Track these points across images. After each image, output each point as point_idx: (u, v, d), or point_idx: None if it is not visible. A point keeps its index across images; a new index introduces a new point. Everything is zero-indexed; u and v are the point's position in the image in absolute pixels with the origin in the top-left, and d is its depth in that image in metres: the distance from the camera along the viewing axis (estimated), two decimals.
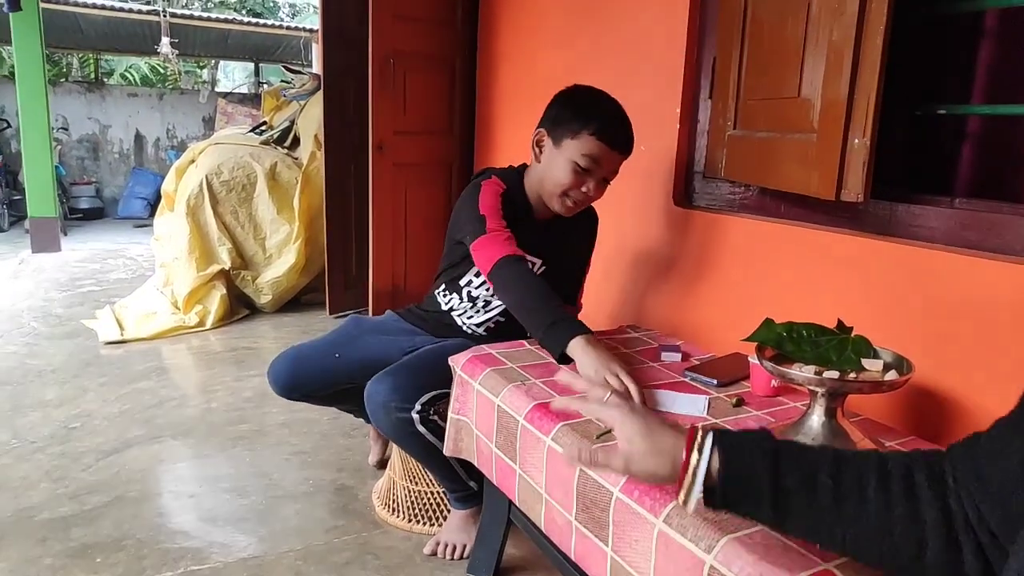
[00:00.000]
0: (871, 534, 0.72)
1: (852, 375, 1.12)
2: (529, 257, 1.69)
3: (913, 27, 1.60)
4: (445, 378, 1.60)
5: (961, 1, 1.58)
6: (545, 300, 1.49)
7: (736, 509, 0.79)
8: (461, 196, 1.73)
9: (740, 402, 1.32)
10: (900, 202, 1.50)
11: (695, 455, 0.79)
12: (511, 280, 1.53)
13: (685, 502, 0.79)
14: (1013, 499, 0.64)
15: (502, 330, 1.81)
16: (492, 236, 1.58)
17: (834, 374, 1.11)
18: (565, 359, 1.41)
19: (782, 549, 0.85)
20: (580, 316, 1.90)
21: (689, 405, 1.30)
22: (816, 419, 1.13)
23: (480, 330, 1.84)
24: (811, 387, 1.12)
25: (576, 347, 1.38)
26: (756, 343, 1.20)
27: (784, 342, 1.18)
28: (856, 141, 1.36)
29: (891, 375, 1.11)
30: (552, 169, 1.64)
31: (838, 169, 1.39)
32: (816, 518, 0.74)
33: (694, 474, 0.79)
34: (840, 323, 1.21)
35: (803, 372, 1.11)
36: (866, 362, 1.13)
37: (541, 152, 1.67)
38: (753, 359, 1.33)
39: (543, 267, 1.76)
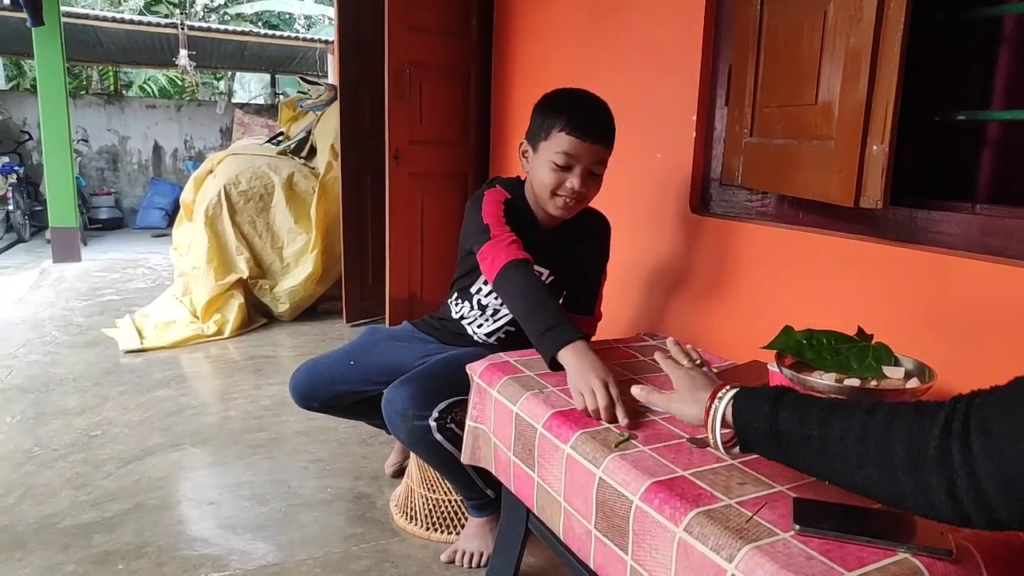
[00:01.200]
0: (854, 473, 0.80)
1: (873, 383, 1.11)
2: (536, 267, 1.69)
3: (931, 33, 1.59)
4: (462, 386, 1.61)
5: (979, 7, 1.57)
6: (543, 305, 1.47)
7: (753, 449, 0.94)
8: (467, 206, 1.75)
9: None
10: (920, 208, 1.49)
11: (715, 403, 0.97)
12: (513, 284, 1.52)
13: (714, 443, 0.98)
14: (1010, 454, 0.64)
15: (512, 341, 1.81)
16: (496, 242, 1.58)
17: (855, 382, 1.10)
18: (557, 366, 1.40)
19: (805, 558, 0.84)
20: (599, 326, 1.91)
21: None
22: None
23: (491, 340, 1.84)
24: (832, 395, 1.11)
25: (566, 354, 1.36)
26: (775, 351, 1.20)
27: (804, 349, 1.18)
28: (875, 148, 1.36)
29: (913, 383, 1.10)
30: (536, 173, 1.65)
31: (857, 176, 1.39)
32: (809, 457, 0.86)
33: (713, 418, 0.97)
34: (860, 330, 1.20)
35: (823, 380, 1.10)
36: (887, 370, 1.13)
37: (528, 162, 1.70)
38: (772, 367, 1.32)
39: (551, 277, 1.76)
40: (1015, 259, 1.29)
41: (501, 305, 1.79)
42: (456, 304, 1.87)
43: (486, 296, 1.80)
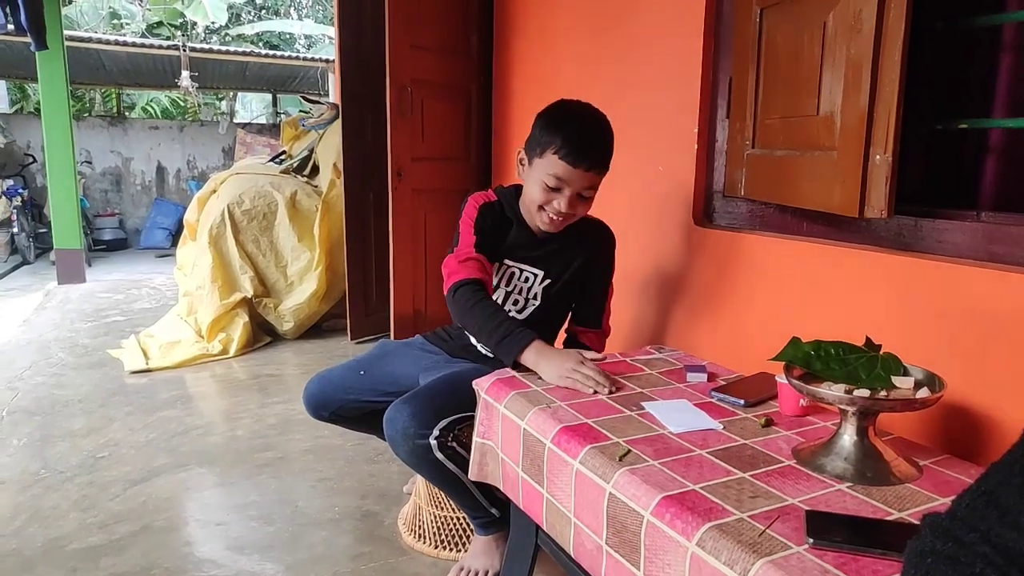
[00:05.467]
0: None
1: (883, 393, 1.11)
2: (530, 268, 1.77)
3: (932, 41, 1.60)
4: (463, 403, 1.61)
5: (979, 15, 1.58)
6: (495, 317, 1.57)
7: None
8: None
9: (769, 422, 1.31)
10: (924, 217, 1.49)
11: None
12: (462, 303, 1.59)
13: None
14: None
15: None
16: (454, 256, 1.66)
17: (864, 392, 1.10)
18: (519, 367, 1.53)
19: (819, 571, 0.83)
20: (608, 341, 1.91)
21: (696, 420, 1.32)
22: (847, 438, 1.12)
23: (491, 355, 1.84)
24: (841, 406, 1.11)
25: (529, 357, 1.51)
26: (784, 362, 1.20)
27: (812, 360, 1.17)
28: (878, 157, 1.36)
29: (923, 392, 1.09)
30: (528, 186, 1.69)
31: (860, 186, 1.39)
32: None
33: None
34: (868, 341, 1.20)
35: (833, 391, 1.10)
36: (897, 380, 1.12)
37: (523, 171, 1.72)
38: (781, 378, 1.32)
39: (546, 280, 1.78)
40: (1021, 266, 1.28)
41: None
42: None
43: None
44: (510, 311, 1.80)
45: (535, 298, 1.79)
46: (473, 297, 1.59)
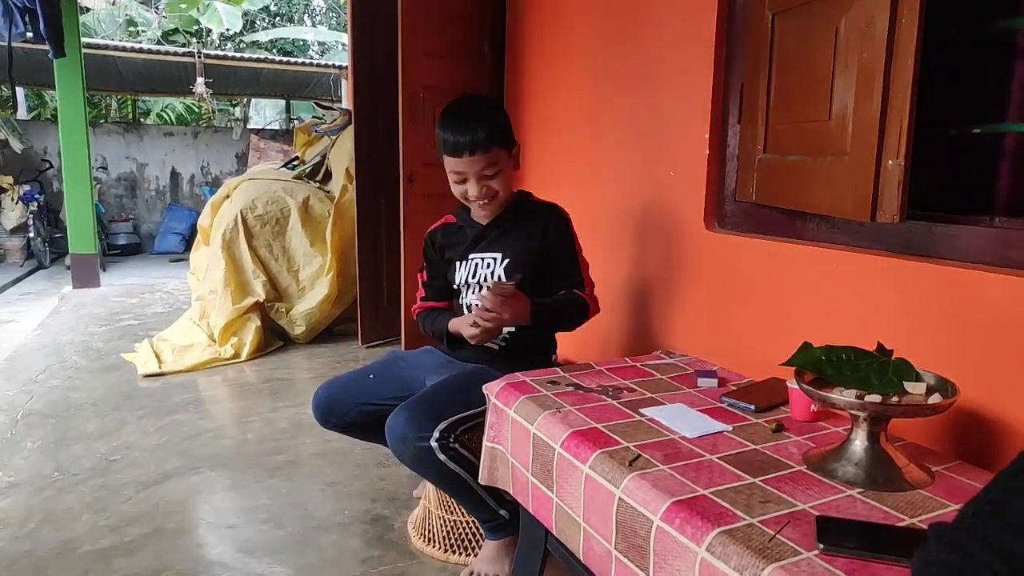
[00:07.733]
0: None
1: (895, 399, 1.10)
2: (489, 255, 1.86)
3: (946, 46, 1.59)
4: (464, 403, 1.64)
5: (994, 21, 1.57)
6: (439, 326, 1.88)
7: None
8: None
9: (779, 427, 1.31)
10: (938, 222, 1.48)
11: None
12: (422, 326, 1.98)
13: None
14: None
15: (514, 343, 1.85)
16: (418, 295, 2.01)
17: (876, 398, 1.09)
18: (454, 344, 1.83)
19: None
20: (618, 346, 1.91)
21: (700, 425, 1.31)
22: (859, 444, 1.11)
23: (493, 345, 1.87)
24: (853, 411, 1.10)
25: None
26: (795, 367, 1.19)
27: (823, 366, 1.17)
28: (890, 162, 1.35)
29: (935, 398, 1.09)
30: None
31: (873, 190, 1.38)
32: None
33: None
34: (880, 346, 1.19)
35: (844, 396, 1.09)
36: (909, 385, 1.12)
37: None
38: (792, 383, 1.31)
39: (504, 260, 1.84)
40: None
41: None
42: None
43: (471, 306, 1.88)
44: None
45: (501, 280, 1.83)
46: (426, 319, 1.95)
